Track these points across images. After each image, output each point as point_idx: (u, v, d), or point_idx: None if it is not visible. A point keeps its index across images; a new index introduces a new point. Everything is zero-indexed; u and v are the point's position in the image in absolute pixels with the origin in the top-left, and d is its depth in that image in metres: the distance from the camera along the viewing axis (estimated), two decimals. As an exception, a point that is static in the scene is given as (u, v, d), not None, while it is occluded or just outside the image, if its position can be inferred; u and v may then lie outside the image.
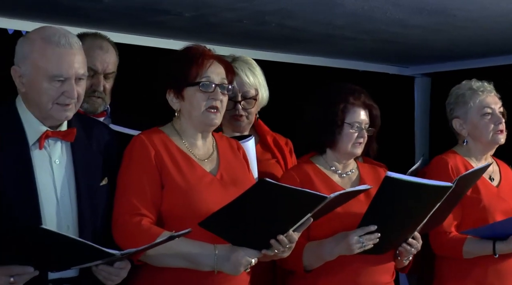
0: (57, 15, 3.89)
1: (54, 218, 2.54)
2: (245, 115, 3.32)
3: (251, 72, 3.34)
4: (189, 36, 4.27)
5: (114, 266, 2.51)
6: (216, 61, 2.79)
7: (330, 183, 3.08)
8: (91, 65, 3.16)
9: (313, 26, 4.26)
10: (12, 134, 2.56)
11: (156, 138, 2.76)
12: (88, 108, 3.22)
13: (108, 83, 3.29)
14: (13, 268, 2.36)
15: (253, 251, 2.64)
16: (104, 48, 3.28)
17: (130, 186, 2.67)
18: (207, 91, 2.75)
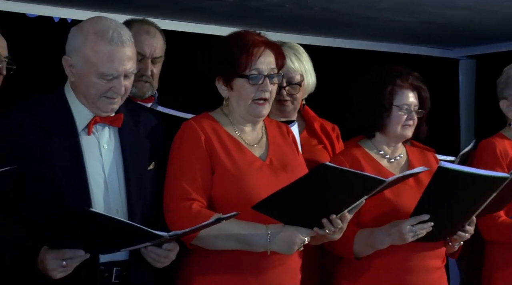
0: (102, 2, 3.90)
1: (104, 202, 2.57)
2: (290, 100, 3.30)
3: (297, 58, 3.32)
4: (232, 21, 4.26)
5: (162, 247, 2.52)
6: (266, 49, 2.76)
7: (379, 167, 3.06)
8: (139, 50, 3.18)
9: (356, 9, 4.22)
10: (61, 121, 2.60)
11: (206, 123, 2.76)
12: (136, 92, 3.24)
13: (156, 67, 3.30)
14: (64, 251, 2.39)
15: (306, 229, 2.64)
16: (151, 32, 3.29)
17: (180, 171, 2.68)
18: (256, 83, 2.74)
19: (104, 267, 2.55)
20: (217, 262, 2.68)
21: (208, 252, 2.67)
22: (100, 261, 2.54)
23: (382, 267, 2.97)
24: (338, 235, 2.71)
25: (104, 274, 2.56)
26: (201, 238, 2.62)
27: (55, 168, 2.53)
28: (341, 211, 2.63)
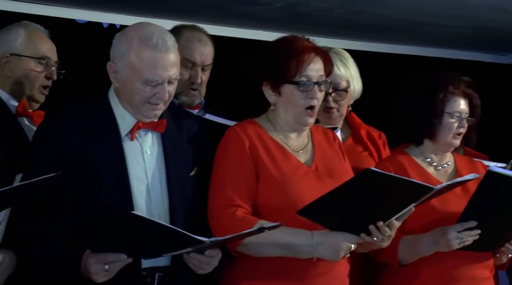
0: (148, 8, 3.94)
1: (146, 208, 2.58)
2: (335, 107, 3.27)
3: (343, 64, 3.29)
4: (279, 27, 4.25)
5: (204, 254, 2.52)
6: (315, 55, 2.74)
7: (425, 175, 3.01)
8: (190, 57, 3.21)
9: (405, 14, 4.17)
10: (105, 126, 2.62)
11: (251, 130, 2.75)
12: (185, 101, 3.25)
13: (205, 75, 3.32)
14: (107, 255, 2.40)
15: (352, 235, 2.62)
16: (203, 40, 3.30)
17: (225, 178, 2.67)
18: (305, 90, 2.72)
19: (146, 272, 2.56)
20: (262, 269, 2.66)
21: (253, 259, 2.66)
22: (142, 266, 2.54)
23: (429, 276, 2.93)
24: (386, 242, 2.68)
25: (146, 280, 2.56)
26: (245, 245, 2.61)
27: (98, 173, 2.55)
28: (389, 218, 2.60)
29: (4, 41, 3.10)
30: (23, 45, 3.12)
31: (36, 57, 3.13)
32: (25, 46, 3.13)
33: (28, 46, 3.13)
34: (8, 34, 3.13)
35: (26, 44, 3.13)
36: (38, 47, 3.15)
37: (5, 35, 3.12)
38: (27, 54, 3.12)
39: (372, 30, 4.61)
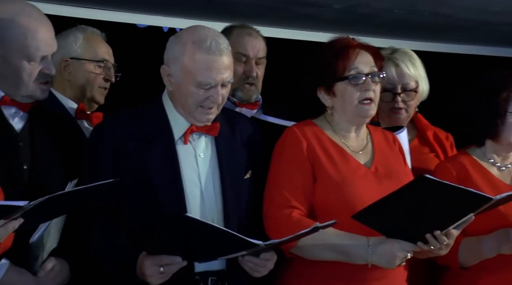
0: (207, 11, 3.96)
1: (200, 211, 2.58)
2: (404, 108, 3.22)
3: (412, 64, 3.25)
4: (339, 28, 4.21)
5: (260, 257, 2.50)
6: (362, 50, 2.73)
7: (488, 176, 2.94)
8: (243, 51, 3.22)
9: (468, 13, 4.10)
10: (159, 130, 2.63)
11: (309, 130, 2.74)
12: (242, 96, 3.26)
13: (260, 69, 3.31)
14: (162, 257, 2.41)
15: (409, 244, 2.57)
16: (253, 34, 3.32)
17: (281, 178, 2.66)
18: (357, 83, 2.70)
19: (199, 276, 2.56)
20: (316, 273, 2.64)
21: (308, 262, 2.64)
22: (196, 270, 2.54)
23: (493, 282, 2.86)
24: (445, 251, 2.63)
25: (199, 284, 2.56)
26: (300, 247, 2.59)
27: (153, 176, 2.56)
28: (447, 227, 2.54)
29: (63, 45, 3.15)
30: (82, 48, 3.19)
31: (95, 60, 3.20)
32: (84, 50, 3.19)
33: (86, 50, 3.20)
34: (67, 39, 3.20)
35: (85, 47, 3.20)
36: (96, 50, 3.21)
37: (64, 39, 3.18)
38: (86, 57, 3.19)
39: (434, 30, 4.54)
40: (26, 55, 2.53)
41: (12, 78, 2.55)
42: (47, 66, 2.57)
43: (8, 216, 1.91)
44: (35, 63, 2.55)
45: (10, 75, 2.54)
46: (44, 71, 2.56)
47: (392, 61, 3.20)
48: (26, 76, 2.54)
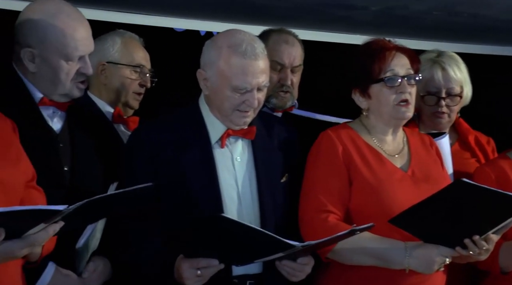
0: (244, 14, 3.96)
1: (237, 215, 2.58)
2: (447, 112, 3.17)
3: (458, 68, 3.20)
4: (376, 31, 4.17)
5: (297, 261, 2.49)
6: (398, 52, 2.71)
7: (528, 180, 2.88)
8: (278, 59, 3.21)
9: (509, 14, 4.02)
10: (196, 133, 2.64)
11: (344, 134, 2.72)
12: (276, 103, 3.25)
13: (295, 77, 3.30)
14: (199, 260, 2.41)
15: (447, 249, 2.54)
16: (290, 42, 3.30)
17: (317, 183, 2.65)
18: (393, 85, 2.68)
19: (237, 280, 2.56)
20: (353, 278, 2.63)
21: (345, 267, 2.62)
22: (233, 274, 2.55)
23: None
24: (484, 256, 2.59)
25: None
26: (336, 252, 2.58)
27: (190, 180, 2.57)
28: (486, 232, 2.51)
29: (100, 49, 3.19)
30: (119, 53, 3.22)
31: (131, 65, 3.22)
32: (121, 54, 3.22)
33: (124, 54, 3.22)
34: (105, 43, 3.22)
35: (122, 52, 3.22)
36: (133, 55, 3.23)
37: (101, 43, 3.21)
38: (123, 62, 3.21)
39: (474, 32, 4.47)
40: (65, 54, 2.54)
41: (50, 77, 2.56)
42: (84, 66, 2.58)
43: (48, 220, 1.93)
44: (73, 63, 2.56)
45: (48, 74, 2.56)
46: (81, 70, 2.58)
47: (438, 64, 3.16)
48: (63, 75, 2.56)
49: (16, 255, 1.94)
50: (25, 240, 1.91)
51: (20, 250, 1.92)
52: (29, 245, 1.93)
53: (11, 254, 1.91)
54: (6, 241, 1.87)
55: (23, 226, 1.91)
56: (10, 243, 1.88)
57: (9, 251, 1.89)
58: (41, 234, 1.93)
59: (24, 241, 1.91)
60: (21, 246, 1.91)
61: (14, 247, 1.89)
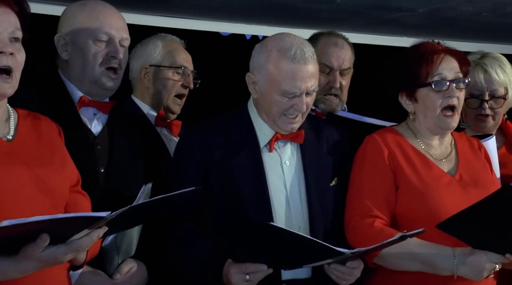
0: (291, 18, 3.96)
1: (286, 218, 2.58)
2: (491, 115, 3.13)
3: (502, 69, 3.15)
4: (424, 33, 4.13)
5: (346, 265, 2.48)
6: (447, 55, 2.67)
7: None
8: (327, 62, 3.20)
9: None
10: (245, 137, 2.64)
11: (390, 138, 2.70)
12: (325, 108, 3.24)
13: (345, 80, 3.28)
14: (248, 265, 2.40)
15: (497, 255, 2.50)
16: (339, 44, 3.28)
17: (362, 187, 2.63)
18: (441, 90, 2.65)
19: (286, 284, 2.54)
20: (400, 283, 2.60)
21: (392, 272, 2.60)
22: (282, 278, 2.53)
23: None
24: None
25: None
26: (383, 257, 2.56)
27: (238, 184, 2.57)
28: None
29: (143, 53, 3.24)
30: (161, 55, 3.25)
31: (173, 66, 3.24)
32: (162, 57, 3.25)
33: (165, 57, 3.25)
34: (147, 47, 3.26)
35: (164, 54, 3.25)
36: (175, 57, 3.26)
37: (144, 47, 3.26)
38: (165, 64, 3.24)
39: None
40: (91, 34, 2.56)
41: (80, 62, 2.58)
42: (113, 50, 2.58)
43: (91, 226, 1.95)
44: (100, 44, 2.57)
45: (78, 59, 2.58)
46: (111, 54, 2.58)
47: (480, 66, 3.11)
48: (91, 56, 2.57)
49: (60, 260, 1.96)
50: (69, 246, 1.93)
51: (64, 256, 1.94)
52: (73, 250, 1.94)
53: (55, 259, 1.93)
54: (50, 247, 1.89)
55: (67, 232, 1.93)
56: (54, 248, 1.90)
57: (54, 256, 1.92)
58: (85, 240, 1.95)
59: (68, 247, 1.93)
60: (65, 252, 1.93)
61: (58, 252, 1.92)
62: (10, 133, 2.14)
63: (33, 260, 1.90)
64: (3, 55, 2.05)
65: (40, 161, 2.14)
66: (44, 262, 1.92)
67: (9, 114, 2.18)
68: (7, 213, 1.97)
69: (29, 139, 2.17)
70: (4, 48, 2.05)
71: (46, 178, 2.11)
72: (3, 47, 2.05)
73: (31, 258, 1.89)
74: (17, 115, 2.20)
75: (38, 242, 1.87)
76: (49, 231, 1.87)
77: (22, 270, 1.92)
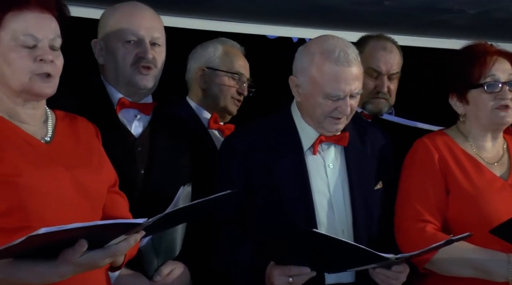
0: (337, 21, 3.93)
1: (329, 222, 2.56)
2: None
3: None
4: (473, 35, 4.07)
5: (391, 269, 2.44)
6: (500, 57, 2.64)
7: None
8: (375, 67, 3.18)
9: None
10: (288, 140, 2.62)
11: (440, 141, 2.66)
12: (372, 109, 3.22)
13: (393, 84, 3.26)
14: (291, 268, 2.38)
15: None
16: (388, 48, 3.26)
17: (413, 191, 2.60)
18: (493, 91, 2.61)
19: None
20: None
21: (443, 278, 2.56)
22: (326, 282, 2.51)
23: None
24: None
25: None
26: (435, 262, 2.52)
27: (281, 187, 2.56)
28: None
29: (202, 54, 3.26)
30: (220, 59, 3.26)
31: (230, 71, 3.25)
32: (221, 61, 3.26)
33: (224, 61, 3.27)
34: (207, 49, 3.29)
35: (223, 59, 3.27)
36: (233, 62, 3.27)
37: (204, 49, 3.28)
38: (222, 68, 3.26)
39: None
40: (120, 37, 2.58)
41: (113, 66, 2.60)
42: (142, 50, 2.58)
43: (128, 232, 1.96)
44: (129, 46, 2.58)
45: (111, 62, 2.60)
46: (139, 55, 2.59)
47: None
48: (120, 59, 2.59)
49: (98, 265, 1.97)
50: (107, 251, 1.94)
51: (102, 260, 1.95)
52: (111, 255, 1.95)
53: (93, 264, 1.94)
54: (89, 251, 1.90)
55: (105, 237, 1.94)
56: (92, 253, 1.91)
57: (92, 261, 1.93)
58: (122, 245, 1.95)
59: (106, 252, 1.93)
60: (103, 257, 1.94)
61: (96, 257, 1.93)
62: (48, 134, 2.16)
63: (71, 265, 1.91)
64: (43, 63, 2.08)
65: (78, 163, 2.15)
66: (82, 266, 1.93)
67: (47, 116, 2.20)
68: (48, 217, 2.00)
69: (67, 141, 2.18)
70: (45, 56, 2.07)
71: (84, 180, 2.12)
72: (43, 54, 2.07)
73: (70, 262, 1.90)
74: (54, 117, 2.22)
75: (76, 248, 1.88)
76: (86, 236, 1.88)
77: (61, 274, 1.93)
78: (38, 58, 2.07)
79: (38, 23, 2.08)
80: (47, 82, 2.09)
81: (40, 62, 2.07)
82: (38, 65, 2.07)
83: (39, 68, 2.07)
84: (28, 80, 2.07)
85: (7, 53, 2.07)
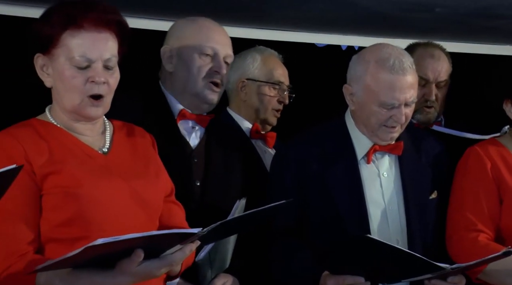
0: (387, 28, 3.91)
1: (383, 232, 2.54)
2: None
3: None
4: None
5: (447, 280, 2.41)
6: None
7: None
8: (422, 75, 3.14)
9: None
10: (342, 149, 2.62)
11: (492, 150, 2.63)
12: (420, 118, 3.19)
13: (441, 92, 3.23)
14: (345, 277, 2.37)
15: None
16: (436, 56, 3.23)
17: (465, 201, 2.57)
18: None
19: None
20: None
21: None
22: (379, 292, 2.50)
23: None
24: None
25: None
26: (488, 273, 2.49)
27: (335, 196, 2.55)
28: None
29: (241, 66, 3.26)
30: (259, 70, 3.26)
31: (270, 82, 3.25)
32: (260, 71, 3.26)
33: (263, 71, 3.26)
34: (245, 60, 3.28)
35: (261, 69, 3.26)
36: (272, 72, 3.27)
37: (242, 60, 3.27)
38: (262, 79, 3.25)
39: None
40: (198, 48, 2.61)
41: (184, 75, 2.63)
42: (217, 65, 2.62)
43: (183, 242, 1.98)
44: (206, 58, 2.62)
45: (183, 71, 2.63)
46: (214, 69, 2.62)
47: None
48: (195, 69, 2.61)
49: (155, 275, 1.98)
50: (163, 261, 1.95)
51: (159, 270, 1.97)
52: (167, 265, 1.97)
53: (150, 273, 1.96)
54: (145, 261, 1.92)
55: (161, 247, 1.96)
56: (149, 263, 1.93)
57: (148, 271, 1.94)
58: (178, 254, 1.97)
59: (162, 261, 1.95)
60: (159, 266, 1.95)
61: (152, 267, 1.94)
62: (106, 145, 2.18)
63: (128, 275, 1.93)
64: (95, 84, 2.09)
65: (135, 174, 2.16)
66: (139, 276, 1.95)
67: (105, 127, 2.22)
68: (107, 227, 2.03)
69: (124, 151, 2.20)
70: (96, 78, 2.08)
71: (141, 191, 2.14)
72: (95, 76, 2.08)
73: (127, 272, 1.92)
74: (112, 127, 2.24)
75: (133, 258, 1.90)
76: (143, 246, 1.90)
77: (118, 284, 1.95)
78: (90, 79, 2.08)
79: (93, 44, 2.09)
80: (96, 105, 2.11)
81: (92, 83, 2.09)
82: (89, 86, 2.09)
83: (90, 90, 2.09)
84: (79, 102, 2.09)
85: (62, 71, 2.09)
